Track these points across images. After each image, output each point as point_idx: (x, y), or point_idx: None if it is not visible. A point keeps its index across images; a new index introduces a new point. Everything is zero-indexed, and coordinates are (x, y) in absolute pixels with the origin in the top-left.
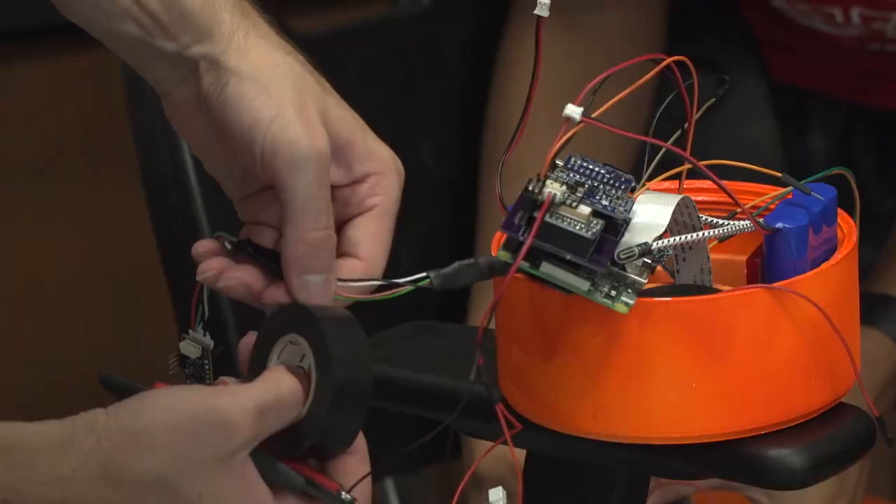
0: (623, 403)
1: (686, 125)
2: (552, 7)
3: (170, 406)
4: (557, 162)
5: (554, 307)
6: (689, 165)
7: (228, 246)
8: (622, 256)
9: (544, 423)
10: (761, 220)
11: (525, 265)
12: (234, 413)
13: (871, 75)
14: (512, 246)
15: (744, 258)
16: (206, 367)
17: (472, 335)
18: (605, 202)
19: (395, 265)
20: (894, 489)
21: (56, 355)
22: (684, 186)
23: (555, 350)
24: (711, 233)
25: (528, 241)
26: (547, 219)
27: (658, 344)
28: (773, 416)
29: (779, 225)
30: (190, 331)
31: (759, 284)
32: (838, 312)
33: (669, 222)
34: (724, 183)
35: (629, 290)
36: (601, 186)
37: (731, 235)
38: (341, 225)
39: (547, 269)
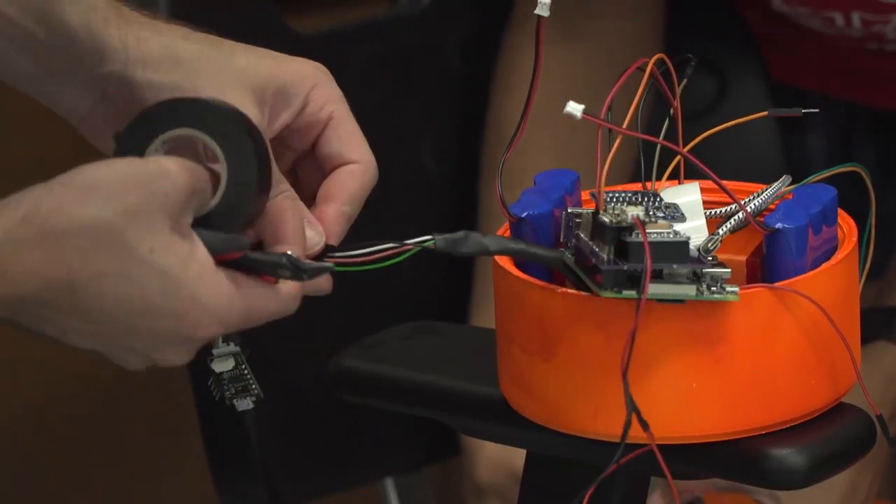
0: (623, 403)
1: (674, 120)
2: (550, 14)
3: (111, 162)
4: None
5: (554, 307)
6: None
7: None
8: (710, 247)
9: (544, 423)
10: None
11: (631, 293)
12: (172, 163)
13: (870, 75)
14: (614, 278)
15: (743, 258)
16: (245, 371)
17: (472, 335)
18: (661, 213)
19: (396, 264)
20: (895, 490)
21: (56, 355)
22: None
23: (555, 350)
24: (756, 202)
25: (648, 264)
26: (637, 239)
27: (658, 344)
28: (774, 416)
29: (778, 225)
30: (213, 350)
31: (761, 284)
32: (839, 312)
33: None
34: (723, 183)
35: (720, 282)
36: (645, 200)
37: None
38: (313, 149)
39: (655, 289)
